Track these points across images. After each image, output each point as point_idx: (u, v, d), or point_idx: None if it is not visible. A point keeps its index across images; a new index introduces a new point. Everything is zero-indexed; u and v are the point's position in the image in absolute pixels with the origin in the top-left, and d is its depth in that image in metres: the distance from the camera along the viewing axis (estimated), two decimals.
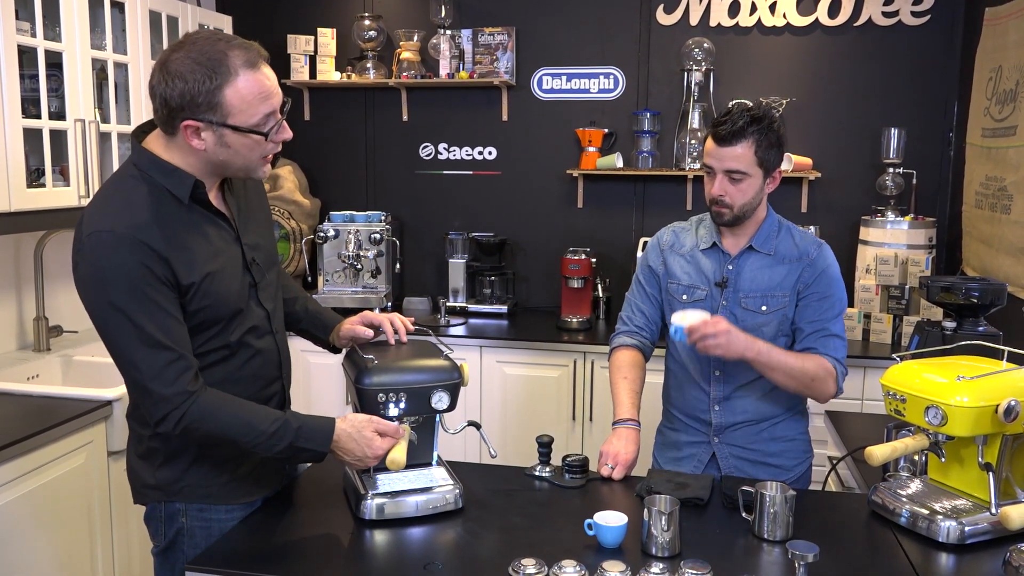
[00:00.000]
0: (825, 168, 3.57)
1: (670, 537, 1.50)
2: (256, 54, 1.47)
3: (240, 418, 1.51)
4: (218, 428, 1.50)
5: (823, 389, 1.96)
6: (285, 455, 1.55)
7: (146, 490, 1.63)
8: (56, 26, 2.55)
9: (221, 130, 1.46)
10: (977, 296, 2.05)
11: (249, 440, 1.51)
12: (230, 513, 1.64)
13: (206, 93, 1.42)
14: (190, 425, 1.47)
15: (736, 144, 1.89)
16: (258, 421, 1.52)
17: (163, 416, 1.46)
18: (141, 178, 1.50)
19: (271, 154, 1.56)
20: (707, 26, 3.62)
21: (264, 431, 1.51)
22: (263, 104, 1.47)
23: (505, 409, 3.39)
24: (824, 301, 1.98)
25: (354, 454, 1.58)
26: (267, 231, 1.76)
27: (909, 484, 1.72)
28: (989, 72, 3.07)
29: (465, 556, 1.53)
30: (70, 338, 3.00)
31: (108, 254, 1.42)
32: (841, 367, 1.97)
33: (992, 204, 2.97)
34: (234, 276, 1.58)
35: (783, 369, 1.91)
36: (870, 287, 3.30)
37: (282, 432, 1.52)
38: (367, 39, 3.81)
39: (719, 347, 1.85)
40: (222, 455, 1.62)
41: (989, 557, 1.52)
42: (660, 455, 2.17)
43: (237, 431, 1.50)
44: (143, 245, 1.43)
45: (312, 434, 1.56)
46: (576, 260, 3.55)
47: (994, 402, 1.53)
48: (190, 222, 1.52)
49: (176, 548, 1.63)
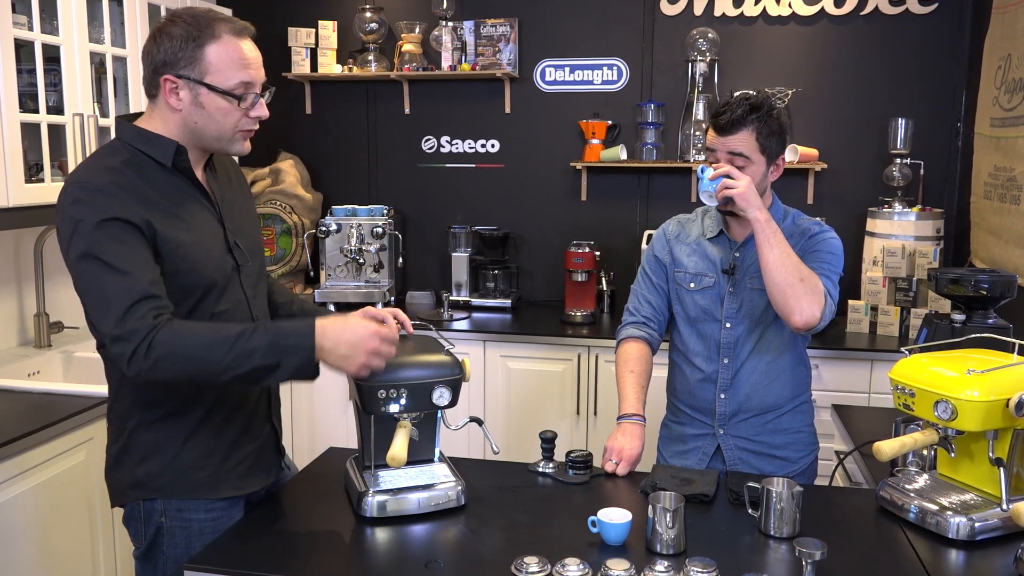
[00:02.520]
0: (831, 159, 3.54)
1: (675, 534, 1.48)
2: (243, 27, 1.55)
3: (211, 331, 1.45)
4: (187, 349, 1.41)
5: (807, 299, 1.83)
6: (268, 361, 1.42)
7: (127, 489, 1.60)
8: (54, 19, 2.53)
9: (197, 88, 1.51)
10: (987, 288, 2.02)
11: (224, 353, 1.40)
12: (210, 512, 1.61)
13: (189, 49, 1.49)
14: (160, 354, 1.39)
15: (737, 133, 1.90)
16: (229, 330, 1.44)
17: (132, 351, 1.39)
18: (122, 147, 1.55)
19: (248, 130, 1.58)
20: (711, 16, 3.59)
21: (238, 336, 1.42)
22: (241, 71, 1.52)
23: (509, 404, 3.37)
24: (820, 255, 1.95)
25: (349, 341, 1.46)
26: (252, 225, 1.76)
27: (918, 479, 1.69)
28: (998, 61, 3.03)
29: (467, 554, 1.52)
30: (71, 334, 2.99)
31: (85, 201, 1.44)
32: (831, 300, 1.89)
33: (1001, 195, 2.93)
34: (213, 248, 1.59)
35: (781, 250, 1.85)
36: (877, 279, 3.27)
37: (258, 336, 1.43)
38: (368, 31, 3.78)
39: (737, 188, 1.84)
40: (205, 447, 1.59)
41: (1000, 554, 1.49)
42: (665, 449, 2.16)
43: (209, 346, 1.41)
44: (121, 195, 1.46)
45: (293, 328, 1.46)
46: (580, 253, 3.53)
47: (1005, 396, 1.50)
48: (172, 187, 1.55)
49: (156, 549, 1.61)
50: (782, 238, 1.88)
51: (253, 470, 1.69)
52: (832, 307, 1.90)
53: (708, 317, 2.04)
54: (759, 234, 1.86)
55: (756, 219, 1.86)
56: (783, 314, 1.88)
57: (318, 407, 3.48)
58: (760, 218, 1.86)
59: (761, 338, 2.00)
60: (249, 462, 1.67)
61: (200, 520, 1.61)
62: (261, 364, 1.43)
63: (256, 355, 1.42)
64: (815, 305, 1.84)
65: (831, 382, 3.06)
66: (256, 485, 1.70)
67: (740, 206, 1.86)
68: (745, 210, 1.86)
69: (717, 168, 1.91)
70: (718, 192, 1.88)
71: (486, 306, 3.71)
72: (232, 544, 1.54)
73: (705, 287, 2.04)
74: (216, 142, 1.58)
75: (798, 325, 1.86)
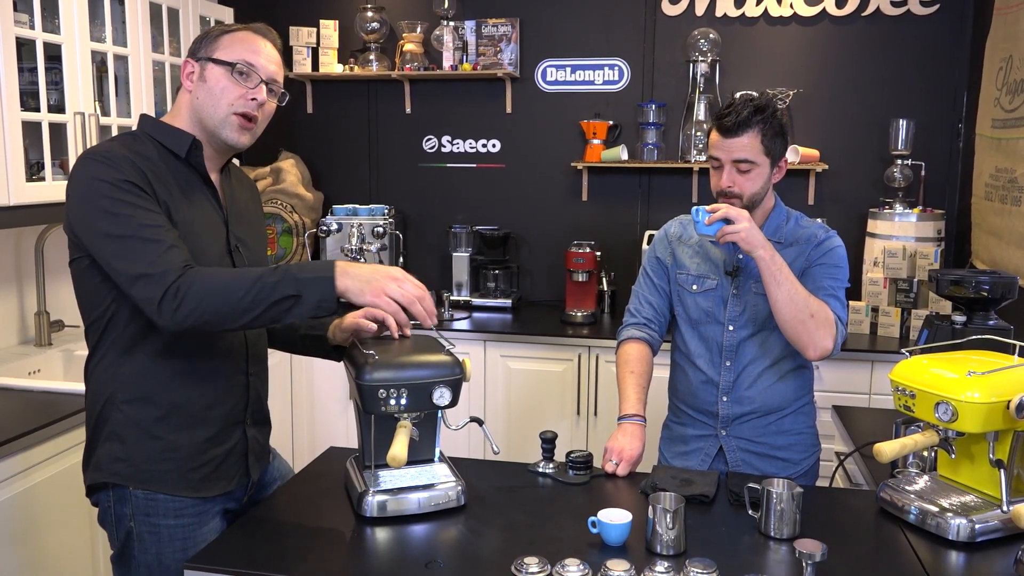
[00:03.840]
0: (832, 160, 3.54)
1: (675, 535, 1.48)
2: (267, 29, 1.66)
3: (233, 272, 1.49)
4: (213, 285, 1.44)
5: (820, 333, 1.86)
6: (290, 292, 1.44)
7: (92, 472, 1.61)
8: (55, 18, 2.53)
9: (205, 64, 1.59)
10: (988, 289, 2.02)
11: (248, 288, 1.43)
12: (179, 519, 1.60)
13: (211, 38, 1.61)
14: (188, 291, 1.42)
15: (742, 135, 1.89)
16: (250, 270, 1.48)
17: (163, 293, 1.42)
18: (140, 136, 1.61)
19: (243, 113, 1.59)
20: (713, 16, 3.59)
21: (261, 274, 1.45)
22: (247, 52, 1.59)
23: (509, 404, 3.38)
24: (828, 269, 1.96)
25: (369, 268, 1.49)
26: (259, 240, 1.80)
27: (918, 481, 1.69)
28: (999, 62, 3.03)
29: (467, 554, 1.51)
30: (72, 332, 2.99)
31: (100, 169, 1.48)
32: (841, 326, 1.91)
33: (1002, 196, 2.93)
34: (212, 243, 1.62)
35: (789, 286, 1.85)
36: (878, 280, 3.27)
37: (279, 271, 1.45)
38: (370, 31, 3.78)
39: (739, 233, 1.81)
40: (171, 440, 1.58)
41: (1000, 555, 1.49)
42: (667, 450, 2.16)
43: (233, 284, 1.44)
44: (135, 165, 1.50)
45: (313, 264, 1.49)
46: (580, 253, 3.53)
47: (1006, 398, 1.50)
48: (184, 178, 1.60)
49: (128, 554, 1.61)
50: (788, 272, 1.86)
51: (216, 475, 1.66)
52: (843, 332, 1.92)
53: (710, 319, 2.04)
54: (765, 272, 1.85)
55: (761, 258, 1.84)
56: (797, 347, 1.91)
57: (318, 407, 3.48)
58: (765, 257, 1.84)
59: (764, 342, 2.00)
60: (214, 466, 1.65)
61: (170, 526, 1.59)
62: (283, 295, 1.44)
63: (279, 288, 1.44)
64: (827, 338, 1.87)
65: (832, 383, 3.06)
66: (216, 490, 1.66)
67: (745, 249, 1.85)
68: (751, 251, 1.84)
69: (712, 211, 1.85)
70: (719, 238, 1.86)
71: (487, 306, 3.72)
72: (232, 543, 1.54)
73: (707, 289, 2.04)
74: (211, 120, 1.59)
75: (813, 358, 1.91)
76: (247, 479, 1.74)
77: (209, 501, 1.65)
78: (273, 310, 1.45)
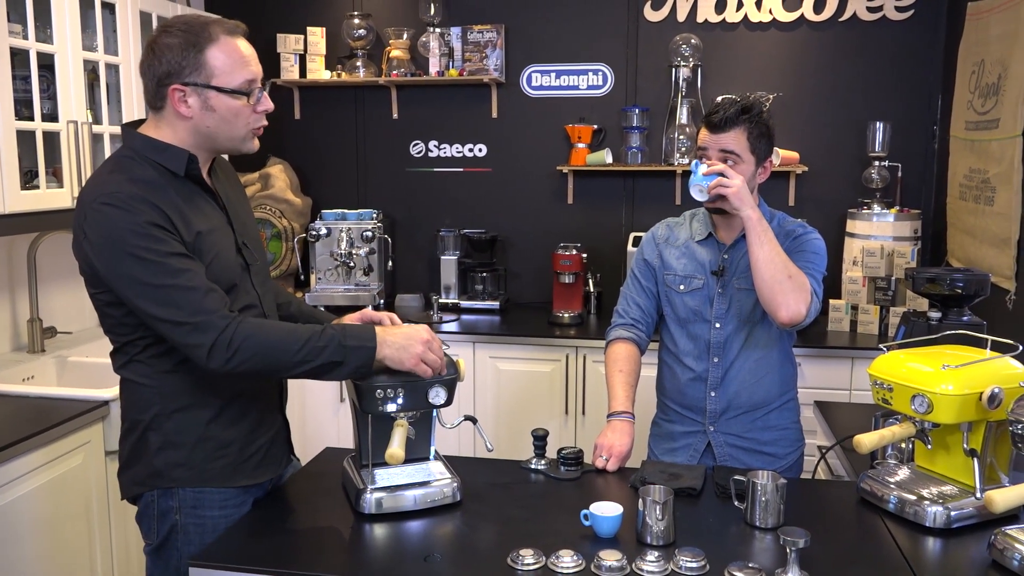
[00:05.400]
0: (812, 162, 3.61)
1: (664, 526, 1.53)
2: (235, 26, 1.58)
3: (284, 329, 1.55)
4: (266, 342, 1.51)
5: (794, 295, 1.90)
6: (336, 358, 1.54)
7: (145, 479, 1.63)
8: (48, 28, 2.56)
9: (206, 92, 1.54)
10: (961, 287, 2.08)
11: (298, 349, 1.51)
12: (223, 510, 1.65)
13: (191, 56, 1.51)
14: (241, 345, 1.48)
15: (729, 131, 1.96)
16: (300, 329, 1.55)
17: (213, 342, 1.46)
18: (136, 158, 1.57)
19: (258, 127, 1.62)
20: (694, 22, 3.65)
21: (311, 335, 1.53)
22: (244, 68, 1.56)
23: (498, 404, 3.42)
24: (805, 255, 2.02)
25: (404, 334, 1.59)
26: (252, 223, 1.82)
27: (897, 471, 1.75)
28: (972, 66, 3.11)
29: (464, 547, 1.56)
30: (64, 339, 3.01)
31: (119, 215, 1.47)
32: (816, 297, 1.95)
33: (976, 196, 3.01)
34: (229, 249, 1.64)
35: (771, 247, 1.91)
36: (857, 279, 3.34)
37: (327, 334, 1.54)
38: (356, 38, 3.82)
39: (730, 188, 1.89)
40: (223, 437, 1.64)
41: (975, 541, 1.55)
42: (656, 446, 2.21)
43: (284, 342, 1.52)
44: (148, 202, 1.49)
45: (357, 330, 1.58)
46: (567, 256, 3.58)
47: (978, 390, 1.57)
48: (187, 193, 1.59)
49: (170, 546, 1.64)
50: (772, 236, 1.93)
51: (267, 460, 1.73)
52: (817, 304, 1.96)
53: (698, 318, 2.09)
54: (750, 232, 1.91)
55: (748, 217, 1.90)
56: (770, 309, 1.93)
57: (310, 409, 3.51)
58: (752, 216, 1.91)
59: (749, 336, 2.06)
60: (264, 452, 1.72)
61: (214, 517, 1.64)
62: (329, 360, 1.54)
63: (325, 352, 1.53)
64: (801, 302, 1.91)
65: (813, 379, 3.13)
66: (269, 474, 1.75)
67: (734, 204, 1.91)
68: (739, 208, 1.90)
69: (711, 164, 1.95)
70: (711, 189, 1.92)
71: (475, 308, 3.76)
72: (235, 541, 1.58)
73: (694, 289, 2.09)
74: (229, 142, 1.61)
75: (784, 320, 1.92)
76: (289, 462, 1.84)
77: (248, 491, 1.71)
78: (317, 371, 1.55)
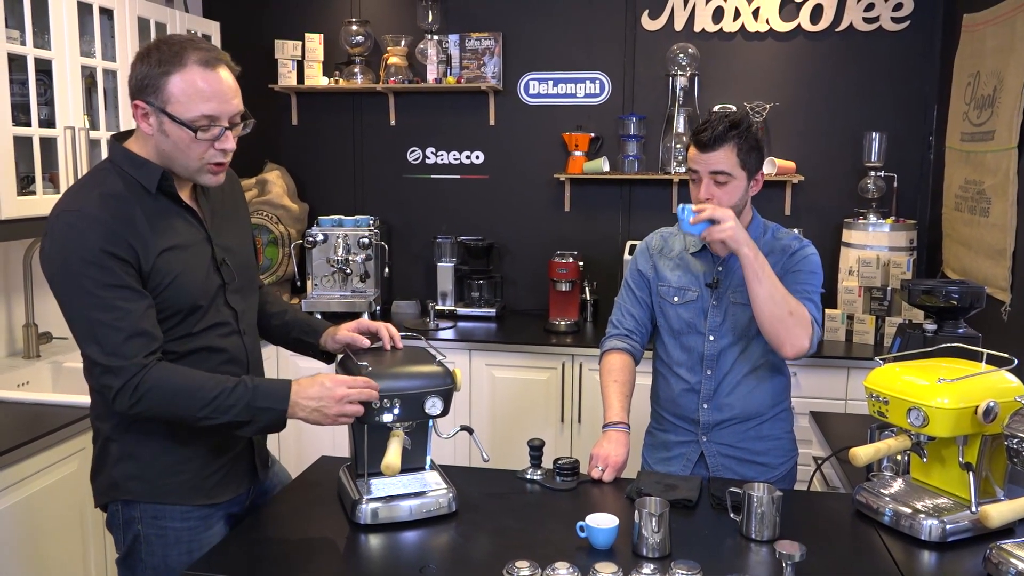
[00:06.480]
0: (808, 172, 3.62)
1: (660, 538, 1.53)
2: (215, 56, 1.52)
3: (195, 381, 1.52)
4: (172, 395, 1.49)
5: (797, 331, 1.92)
6: (242, 419, 1.53)
7: (106, 490, 1.64)
8: (46, 33, 2.55)
9: (161, 116, 1.51)
10: (957, 298, 2.09)
11: (204, 404, 1.50)
12: (186, 521, 1.64)
13: (155, 77, 1.49)
14: (145, 393, 1.47)
15: (718, 149, 1.95)
16: (213, 383, 1.52)
17: (120, 387, 1.47)
18: (112, 170, 1.57)
19: (215, 163, 1.57)
20: (691, 31, 3.67)
21: (220, 391, 1.51)
22: (202, 103, 1.50)
23: (494, 412, 3.42)
24: (803, 275, 2.02)
25: (316, 395, 1.55)
26: (245, 237, 1.79)
27: (892, 484, 1.75)
28: (967, 78, 3.12)
29: (459, 558, 1.56)
30: (60, 345, 3.00)
31: (74, 234, 1.48)
32: (817, 327, 1.97)
33: (971, 207, 3.02)
34: (198, 270, 1.61)
35: (771, 284, 1.90)
36: (852, 289, 3.35)
37: (237, 392, 1.52)
38: (354, 44, 3.82)
39: (725, 231, 1.87)
40: (181, 454, 1.62)
41: (970, 554, 1.55)
42: (650, 456, 2.21)
43: (191, 396, 1.50)
44: (107, 226, 1.48)
45: (270, 390, 1.55)
46: (564, 263, 3.58)
47: (974, 403, 1.57)
48: (157, 211, 1.57)
49: (135, 556, 1.64)
50: (770, 271, 1.92)
51: (227, 480, 1.71)
52: (819, 332, 1.98)
53: (691, 330, 2.09)
54: (747, 269, 1.90)
55: (745, 255, 1.89)
56: (774, 345, 1.96)
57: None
58: (749, 254, 1.89)
59: (744, 350, 2.06)
60: (224, 472, 1.70)
61: (176, 529, 1.63)
62: (235, 420, 1.54)
63: (232, 411, 1.53)
64: (804, 337, 1.93)
65: (809, 389, 3.13)
66: (228, 495, 1.71)
67: (730, 247, 1.89)
68: (735, 249, 1.89)
69: (698, 210, 1.91)
70: (704, 238, 1.92)
71: (471, 315, 3.76)
72: (230, 550, 1.57)
73: (688, 301, 2.09)
74: (184, 171, 1.58)
75: (789, 356, 1.96)
76: (255, 482, 1.79)
77: (215, 505, 1.69)
78: (224, 427, 1.55)
